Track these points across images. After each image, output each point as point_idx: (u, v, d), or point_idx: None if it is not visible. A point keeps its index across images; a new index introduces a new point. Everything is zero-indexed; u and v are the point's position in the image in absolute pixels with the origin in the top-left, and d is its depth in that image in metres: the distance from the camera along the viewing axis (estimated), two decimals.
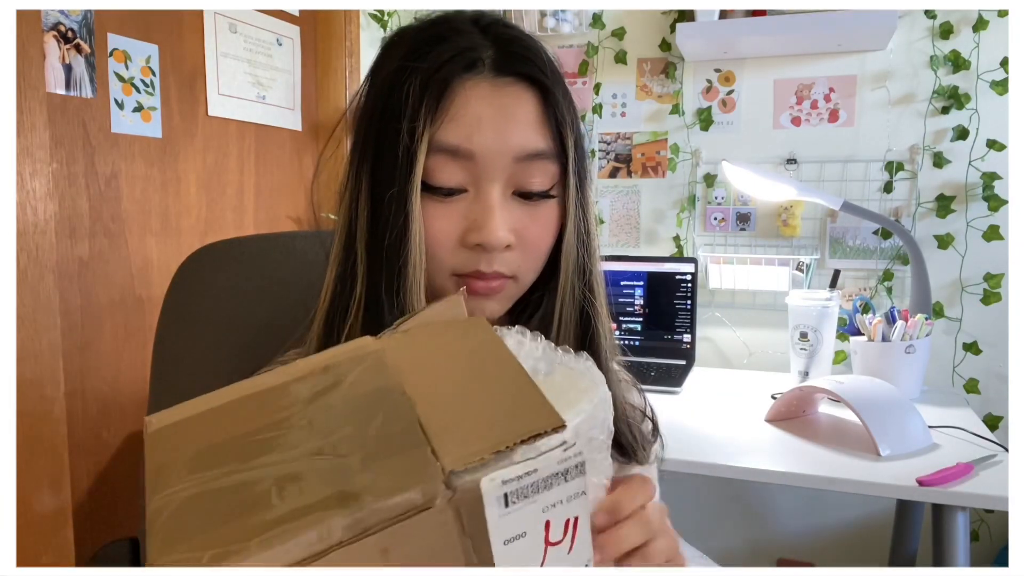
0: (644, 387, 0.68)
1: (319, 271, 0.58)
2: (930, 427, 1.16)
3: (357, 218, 0.54)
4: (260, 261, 0.80)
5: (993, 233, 1.56)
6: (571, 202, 0.55)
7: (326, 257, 0.58)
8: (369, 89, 0.56)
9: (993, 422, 1.58)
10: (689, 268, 1.67)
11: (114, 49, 1.28)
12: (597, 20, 1.81)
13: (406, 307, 0.52)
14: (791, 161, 1.70)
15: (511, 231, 0.53)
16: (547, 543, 0.29)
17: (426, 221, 0.52)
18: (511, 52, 0.53)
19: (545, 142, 0.54)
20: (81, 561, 1.16)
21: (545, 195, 0.55)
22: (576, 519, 0.30)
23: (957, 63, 1.56)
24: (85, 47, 1.22)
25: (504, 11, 1.83)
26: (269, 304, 0.78)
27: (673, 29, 1.72)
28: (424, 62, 0.51)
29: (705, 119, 1.76)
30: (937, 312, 1.60)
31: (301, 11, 1.70)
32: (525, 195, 0.54)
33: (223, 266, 0.80)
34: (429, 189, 0.52)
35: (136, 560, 0.78)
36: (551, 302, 0.58)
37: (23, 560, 1.02)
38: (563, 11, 1.79)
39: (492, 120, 0.52)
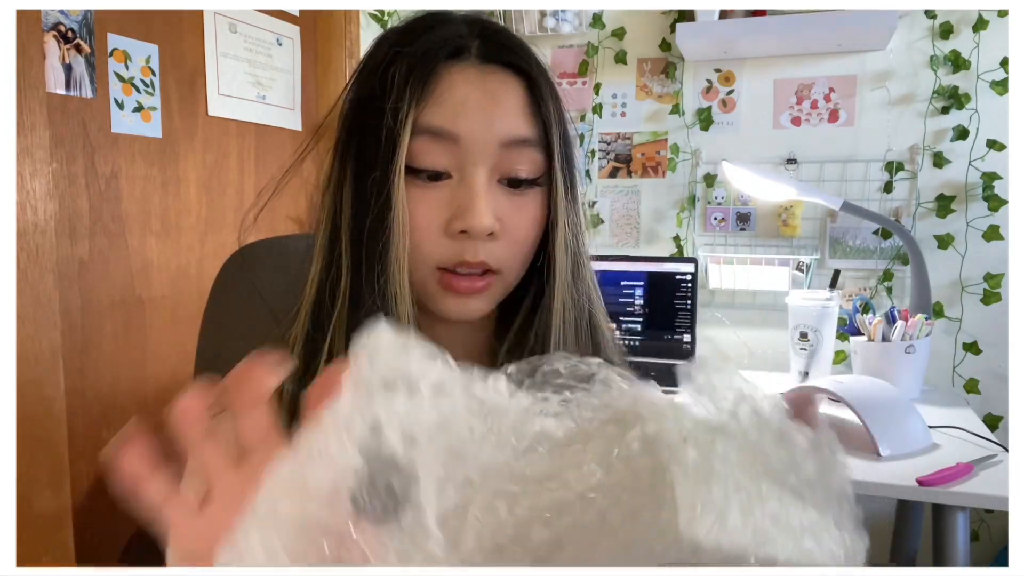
0: None
1: None
2: (930, 427, 1.16)
3: (341, 206, 0.53)
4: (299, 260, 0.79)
5: (993, 233, 1.56)
6: (559, 195, 0.54)
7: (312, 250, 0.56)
8: (357, 79, 0.55)
9: (993, 422, 1.58)
10: (689, 268, 1.67)
11: (114, 49, 1.28)
12: (597, 20, 1.81)
13: (387, 296, 0.50)
14: (791, 161, 1.70)
15: (496, 219, 0.51)
16: None
17: (410, 208, 0.51)
18: (497, 43, 0.53)
19: (531, 130, 0.53)
20: (84, 559, 1.16)
21: (531, 183, 0.54)
22: None
23: (957, 63, 1.56)
24: (85, 47, 1.22)
25: (504, 11, 1.83)
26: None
27: (673, 29, 1.72)
28: (411, 48, 0.51)
29: (705, 119, 1.76)
30: (937, 312, 1.60)
31: (301, 11, 1.70)
32: (511, 183, 0.53)
33: (267, 264, 0.80)
34: (413, 173, 0.51)
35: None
36: (548, 302, 0.56)
37: (23, 560, 1.02)
38: (563, 11, 1.79)
39: (478, 104, 0.51)
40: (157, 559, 0.57)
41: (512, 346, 0.58)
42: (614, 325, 1.69)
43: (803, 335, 1.46)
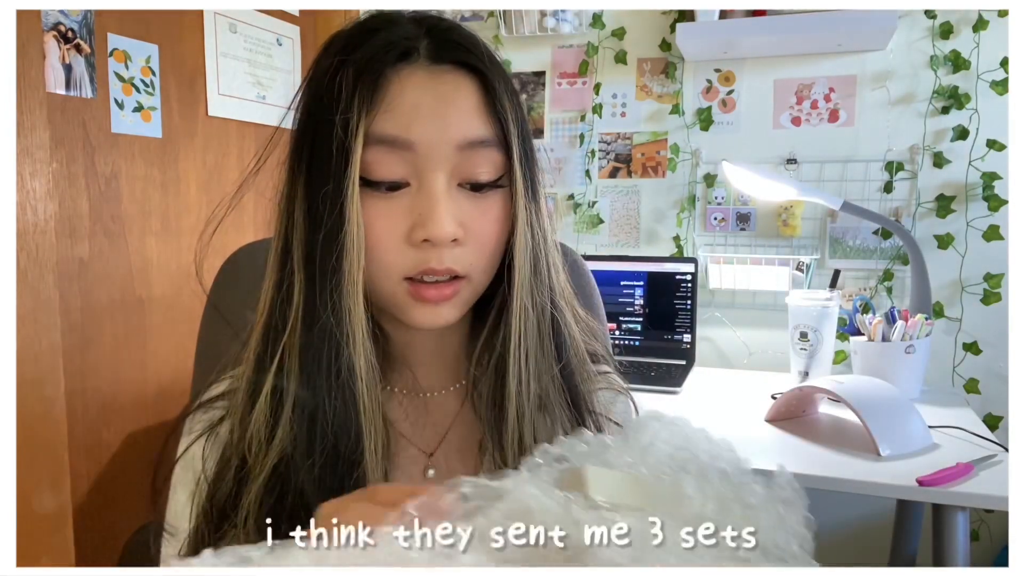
0: (643, 387, 0.67)
1: None
2: (930, 427, 1.16)
3: (293, 222, 0.52)
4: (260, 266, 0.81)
5: (993, 233, 1.56)
6: (519, 194, 0.53)
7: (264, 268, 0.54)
8: (306, 88, 0.53)
9: (993, 422, 1.58)
10: (689, 268, 1.67)
11: (114, 49, 1.28)
12: (597, 20, 1.81)
13: (341, 312, 0.49)
14: (791, 161, 1.70)
15: (458, 224, 0.50)
16: None
17: (368, 220, 0.49)
18: (447, 40, 0.51)
19: (488, 130, 0.51)
20: (84, 559, 1.16)
21: (493, 185, 0.52)
22: None
23: (957, 63, 1.56)
24: (85, 47, 1.22)
25: (504, 11, 1.83)
26: None
27: (673, 29, 1.72)
28: (357, 54, 0.49)
29: (705, 119, 1.76)
30: (937, 312, 1.60)
31: (301, 11, 1.70)
32: (473, 187, 0.52)
33: (225, 277, 0.81)
34: (370, 185, 0.50)
35: None
36: (507, 303, 0.55)
37: (23, 560, 1.02)
38: (563, 11, 1.79)
39: (431, 108, 0.49)
40: (156, 559, 0.57)
41: (481, 351, 0.57)
42: (612, 325, 1.70)
43: (803, 335, 1.46)
